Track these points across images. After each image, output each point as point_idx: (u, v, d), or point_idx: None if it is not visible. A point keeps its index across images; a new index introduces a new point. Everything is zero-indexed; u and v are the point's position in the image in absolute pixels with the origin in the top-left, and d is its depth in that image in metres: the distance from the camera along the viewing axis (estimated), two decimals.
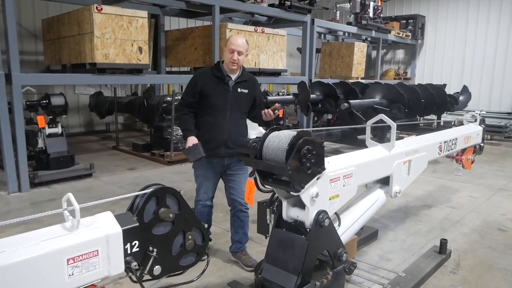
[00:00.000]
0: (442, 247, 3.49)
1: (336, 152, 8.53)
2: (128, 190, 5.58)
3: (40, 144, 6.08)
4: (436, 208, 5.02)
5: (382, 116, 2.99)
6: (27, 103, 6.06)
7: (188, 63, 8.53)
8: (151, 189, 1.67)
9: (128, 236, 1.56)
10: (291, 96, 7.97)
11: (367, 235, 3.87)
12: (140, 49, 6.29)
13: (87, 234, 1.46)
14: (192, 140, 3.15)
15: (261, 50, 8.03)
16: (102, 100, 9.53)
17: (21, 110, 5.47)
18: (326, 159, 2.43)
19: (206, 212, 3.43)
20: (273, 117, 3.27)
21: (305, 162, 2.16)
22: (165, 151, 7.52)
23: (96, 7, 5.76)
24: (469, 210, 4.94)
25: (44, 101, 6.03)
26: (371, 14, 10.93)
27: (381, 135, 6.73)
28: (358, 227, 2.91)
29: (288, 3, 8.56)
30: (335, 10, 11.92)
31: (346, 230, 2.73)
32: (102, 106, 9.48)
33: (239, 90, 3.23)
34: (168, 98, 7.53)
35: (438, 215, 4.76)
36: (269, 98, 7.39)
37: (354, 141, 7.41)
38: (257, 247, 3.66)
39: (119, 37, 6.03)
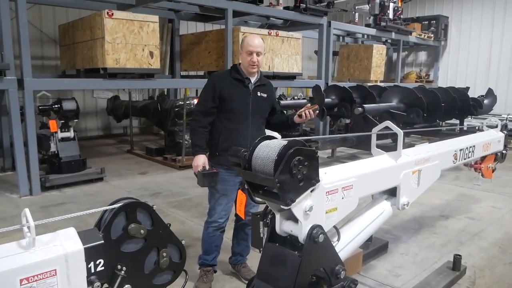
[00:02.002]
0: (456, 264, 3.25)
1: (353, 157, 8.29)
2: (136, 195, 5.54)
3: (53, 148, 6.15)
4: (453, 219, 4.75)
5: (388, 123, 2.81)
6: (40, 107, 6.13)
7: (202, 67, 8.49)
8: (119, 204, 1.56)
9: (91, 254, 1.46)
10: (305, 100, 7.80)
11: (376, 248, 3.67)
12: (151, 53, 6.27)
13: (44, 252, 1.36)
14: (202, 159, 2.92)
15: (276, 53, 7.90)
16: (119, 104, 9.64)
17: (33, 114, 5.53)
18: (323, 170, 2.27)
19: (217, 236, 3.13)
20: (313, 117, 2.98)
21: (296, 174, 2.01)
22: (177, 155, 7.49)
23: (107, 13, 5.77)
24: (490, 222, 4.65)
25: (56, 106, 6.08)
26: (390, 16, 10.63)
27: None
28: (361, 241, 2.72)
29: (303, 5, 8.40)
30: (353, 12, 11.66)
31: (346, 244, 2.55)
32: (118, 110, 9.58)
33: (259, 94, 3.05)
34: (180, 102, 7.50)
35: (455, 226, 4.49)
36: (282, 102, 7.25)
37: (369, 147, 7.16)
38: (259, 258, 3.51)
39: (130, 42, 6.03)
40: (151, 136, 11.07)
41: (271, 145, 2.10)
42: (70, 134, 6.26)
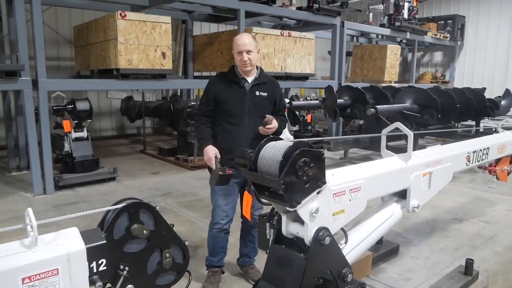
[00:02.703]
0: (468, 268, 3.18)
1: (366, 158, 8.20)
2: (147, 195, 5.59)
3: (66, 147, 6.23)
4: (467, 222, 4.65)
5: (397, 124, 2.76)
6: (54, 108, 6.22)
7: (214, 67, 8.52)
8: (122, 204, 1.56)
9: (93, 254, 1.46)
10: (317, 101, 7.75)
11: (387, 251, 3.61)
12: (163, 54, 6.31)
13: (46, 252, 1.37)
14: (212, 151, 2.93)
15: (288, 54, 7.87)
16: (132, 105, 9.73)
17: (47, 114, 5.63)
18: (331, 171, 2.25)
19: (221, 238, 3.12)
20: (268, 132, 2.92)
21: (302, 175, 1.99)
22: (189, 155, 7.52)
23: (120, 14, 5.84)
24: (505, 226, 4.54)
25: (70, 106, 6.17)
26: (405, 15, 10.49)
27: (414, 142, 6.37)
28: (370, 244, 2.68)
29: (316, 6, 8.35)
30: (367, 12, 11.54)
31: (354, 247, 2.51)
32: (132, 110, 9.68)
33: (257, 93, 3.02)
34: (192, 103, 7.54)
35: (469, 230, 4.39)
36: (294, 103, 7.22)
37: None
38: None
39: (143, 43, 6.08)
40: (164, 137, 11.15)
41: (277, 146, 2.08)
42: (84, 134, 6.34)
